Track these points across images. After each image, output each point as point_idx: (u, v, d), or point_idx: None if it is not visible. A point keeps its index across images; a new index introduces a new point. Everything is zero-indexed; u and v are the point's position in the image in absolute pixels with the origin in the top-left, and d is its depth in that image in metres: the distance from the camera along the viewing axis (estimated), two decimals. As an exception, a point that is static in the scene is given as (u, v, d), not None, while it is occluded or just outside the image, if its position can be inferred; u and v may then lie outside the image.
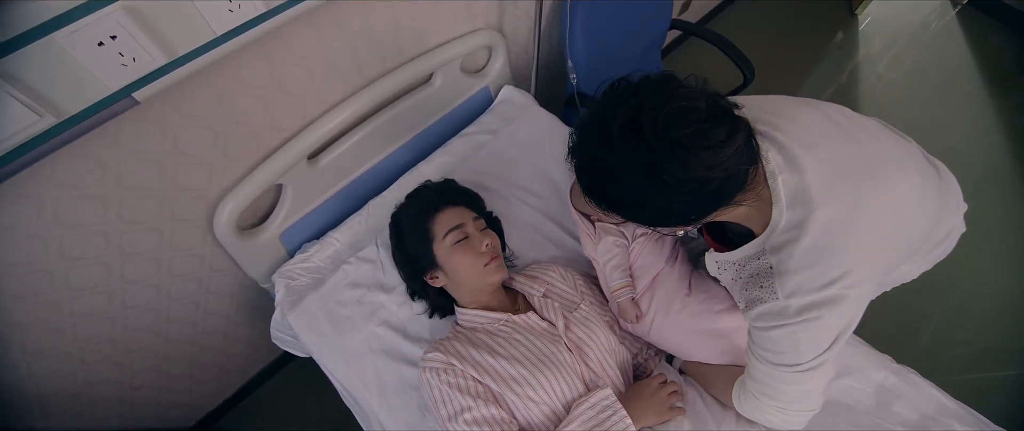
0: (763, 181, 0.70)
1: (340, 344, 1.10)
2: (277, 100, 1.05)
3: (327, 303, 1.14)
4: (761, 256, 0.72)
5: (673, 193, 0.63)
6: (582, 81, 1.49)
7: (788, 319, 0.69)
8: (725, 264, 0.81)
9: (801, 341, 0.70)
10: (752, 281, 0.74)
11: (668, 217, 0.68)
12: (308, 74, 1.07)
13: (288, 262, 1.23)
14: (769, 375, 0.77)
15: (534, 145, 1.37)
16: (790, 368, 0.73)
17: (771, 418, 0.81)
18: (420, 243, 1.02)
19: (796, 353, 0.72)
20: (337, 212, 1.30)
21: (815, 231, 0.66)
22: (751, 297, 0.74)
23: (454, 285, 1.03)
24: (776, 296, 0.69)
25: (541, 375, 0.90)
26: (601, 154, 0.66)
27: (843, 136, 0.74)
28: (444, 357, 0.94)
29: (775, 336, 0.72)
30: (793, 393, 0.77)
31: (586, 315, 1.04)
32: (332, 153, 1.20)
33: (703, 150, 0.60)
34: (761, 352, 0.76)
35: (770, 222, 0.69)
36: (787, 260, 0.68)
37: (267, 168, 1.09)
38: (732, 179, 0.64)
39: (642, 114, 0.61)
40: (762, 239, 0.71)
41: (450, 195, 1.07)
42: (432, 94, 1.33)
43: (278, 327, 1.21)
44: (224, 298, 1.35)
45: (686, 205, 0.65)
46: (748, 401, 0.83)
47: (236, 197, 1.08)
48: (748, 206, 0.70)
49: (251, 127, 1.05)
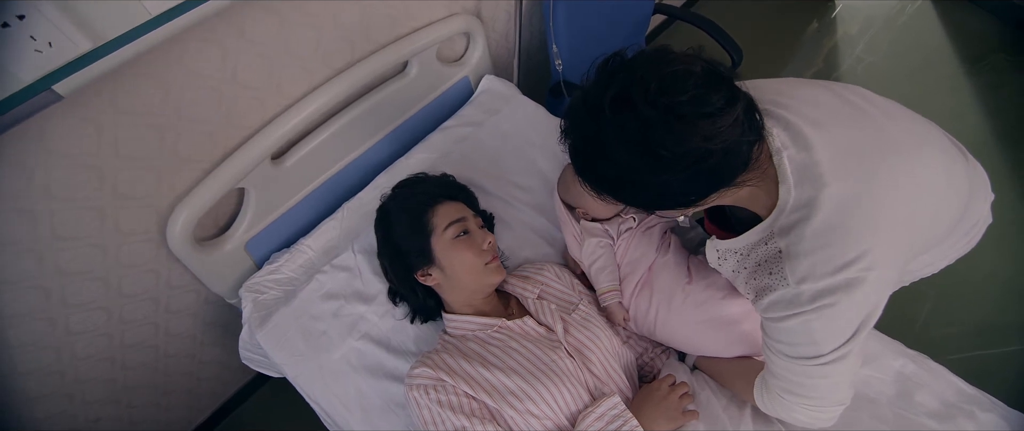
0: (768, 159, 0.65)
1: (317, 363, 1.00)
2: (232, 93, 0.94)
3: (300, 318, 1.03)
4: (769, 240, 0.67)
5: (670, 169, 0.58)
6: (567, 68, 1.41)
7: (801, 307, 0.63)
8: (727, 253, 0.75)
9: (817, 331, 0.65)
10: (760, 269, 0.68)
11: (666, 198, 0.63)
12: (266, 64, 0.97)
13: (255, 274, 1.12)
14: (789, 369, 0.71)
15: (520, 136, 1.28)
16: (810, 361, 0.68)
17: (798, 416, 0.75)
18: (415, 235, 0.93)
19: (813, 344, 0.66)
20: (308, 217, 1.20)
21: (826, 209, 0.61)
22: (760, 286, 0.68)
23: (449, 285, 0.94)
24: (787, 282, 0.64)
25: (542, 386, 0.82)
26: (592, 131, 0.61)
27: (856, 114, 0.69)
28: (433, 372, 0.84)
29: (789, 327, 0.66)
30: (818, 387, 0.70)
31: (586, 316, 0.96)
32: (299, 152, 1.10)
33: (699, 119, 0.56)
34: (777, 345, 0.70)
35: (777, 202, 0.64)
36: (797, 242, 0.63)
37: (225, 170, 0.98)
38: (733, 156, 0.59)
39: (634, 85, 0.57)
40: (769, 221, 0.66)
41: (451, 189, 1.00)
42: (407, 85, 1.23)
43: (247, 347, 1.10)
44: (187, 318, 1.23)
45: (685, 183, 0.60)
46: (772, 399, 0.77)
47: (191, 204, 0.96)
48: (753, 186, 0.65)
49: (204, 124, 0.94)
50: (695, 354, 0.99)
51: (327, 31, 1.02)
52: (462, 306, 0.95)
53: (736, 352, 0.94)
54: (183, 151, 0.94)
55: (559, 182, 1.12)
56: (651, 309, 0.99)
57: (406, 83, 1.23)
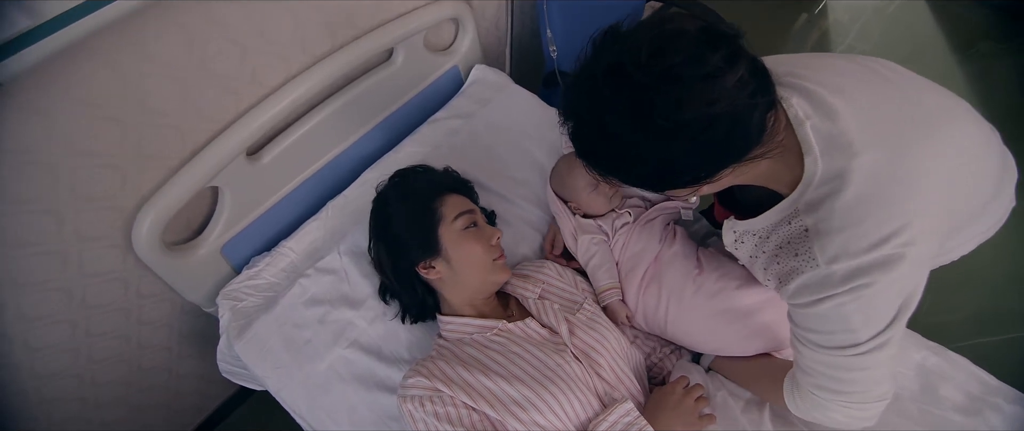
0: (788, 131, 0.60)
1: (301, 374, 0.92)
2: (200, 83, 0.86)
3: (282, 326, 0.95)
4: (793, 218, 0.62)
5: (672, 140, 0.53)
6: (562, 55, 1.34)
7: (833, 289, 0.58)
8: (745, 234, 0.70)
9: (851, 315, 0.59)
10: (783, 251, 0.64)
11: (673, 174, 0.57)
12: (238, 50, 0.89)
13: (233, 280, 1.04)
14: (822, 363, 0.65)
15: (514, 128, 1.22)
16: (846, 351, 0.62)
17: (835, 416, 0.68)
18: (421, 224, 0.86)
19: (850, 332, 0.60)
20: (289, 218, 1.12)
21: (859, 181, 0.56)
22: (784, 269, 0.63)
23: (452, 281, 0.88)
24: (816, 263, 0.59)
25: (548, 394, 0.75)
26: (589, 107, 0.57)
27: (883, 83, 0.64)
28: (428, 382, 0.77)
29: (820, 313, 0.61)
30: (857, 381, 0.64)
31: (591, 316, 0.89)
32: (277, 147, 1.02)
33: (698, 81, 0.51)
34: (808, 336, 0.65)
35: (802, 177, 0.59)
36: (827, 218, 0.58)
37: (195, 168, 0.90)
38: (743, 124, 0.54)
39: (626, 52, 0.53)
40: (793, 198, 0.61)
41: (457, 182, 0.95)
42: (393, 74, 1.16)
43: (226, 358, 1.02)
44: (161, 329, 1.15)
45: (691, 156, 0.55)
46: (804, 399, 0.70)
47: (158, 205, 0.88)
48: (771, 161, 0.59)
49: (170, 117, 0.86)
50: (710, 352, 0.93)
51: (305, 15, 0.95)
52: (463, 306, 0.89)
53: (755, 347, 0.88)
54: (148, 147, 0.86)
55: (552, 174, 1.06)
56: (661, 304, 0.93)
57: (392, 72, 1.15)
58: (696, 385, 0.85)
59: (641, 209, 1.03)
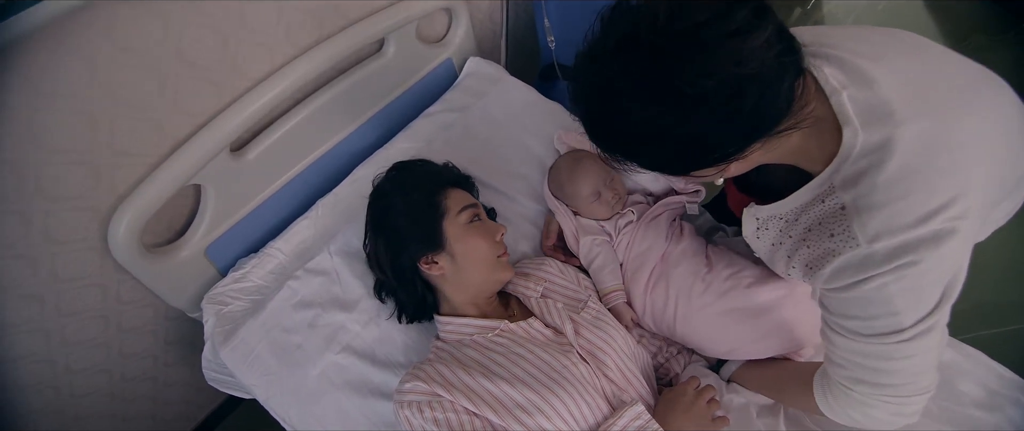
0: (819, 101, 0.56)
1: (292, 382, 0.87)
2: (179, 74, 0.81)
3: (271, 331, 0.90)
4: (827, 196, 0.57)
5: (699, 111, 0.49)
6: (560, 46, 1.30)
7: (875, 269, 0.54)
8: (770, 220, 0.66)
9: (895, 297, 0.55)
10: (815, 233, 0.59)
11: (700, 151, 0.53)
12: (219, 40, 0.84)
13: (218, 284, 0.98)
14: (860, 353, 0.60)
15: (512, 121, 1.17)
16: (887, 338, 0.57)
17: (877, 413, 0.62)
18: (424, 218, 0.83)
19: (893, 316, 0.56)
20: (277, 217, 1.07)
21: (905, 151, 0.52)
22: (817, 253, 0.59)
23: (455, 278, 0.83)
24: (856, 242, 0.54)
25: (554, 397, 0.70)
26: (601, 86, 0.53)
27: (916, 50, 0.61)
28: (426, 387, 0.72)
29: (861, 296, 0.56)
30: (901, 372, 0.59)
31: (597, 315, 0.85)
32: (262, 143, 0.97)
33: (724, 39, 0.47)
34: (844, 324, 0.60)
35: (839, 150, 0.55)
36: (868, 193, 0.53)
37: (175, 165, 0.85)
38: (772, 91, 0.49)
39: (640, 20, 0.49)
40: (827, 174, 0.57)
41: (458, 177, 0.92)
42: (385, 66, 1.11)
43: (211, 366, 0.97)
44: (144, 336, 1.09)
45: (720, 127, 0.50)
46: (839, 397, 0.65)
47: (135, 205, 0.83)
48: (803, 134, 0.55)
49: (146, 110, 0.80)
50: (722, 355, 0.88)
51: (290, 2, 0.90)
52: (465, 305, 0.84)
53: (769, 348, 0.84)
54: (122, 142, 0.80)
55: (549, 178, 1.02)
56: (669, 303, 0.89)
57: (383, 64, 1.10)
58: (708, 386, 0.80)
59: (645, 206, 1.00)
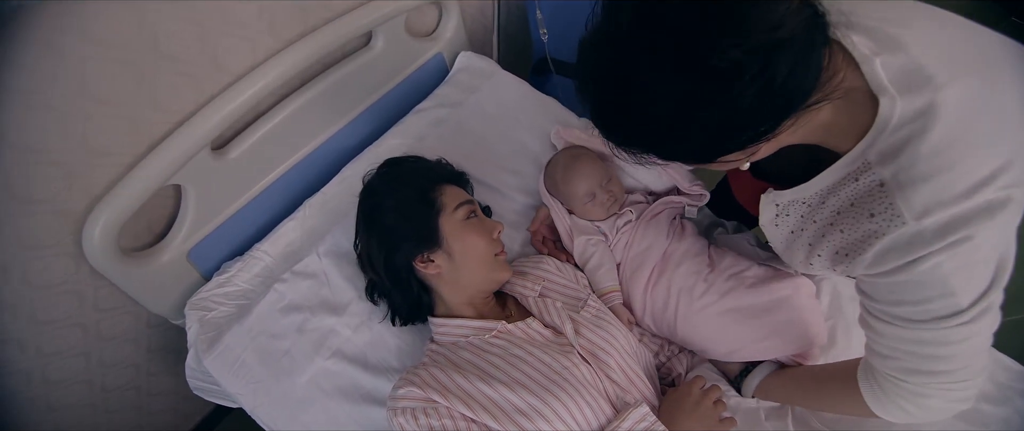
0: (846, 67, 0.51)
1: (280, 390, 0.84)
2: (155, 68, 0.77)
3: (257, 337, 0.86)
4: (862, 173, 0.53)
5: (731, 86, 0.43)
6: (553, 39, 1.27)
7: (926, 248, 0.50)
8: (791, 205, 0.62)
9: (950, 277, 0.51)
10: (849, 216, 0.55)
11: (730, 132, 0.47)
12: (198, 32, 0.80)
13: (202, 288, 0.94)
14: (914, 340, 0.56)
15: (506, 116, 1.14)
16: (946, 322, 0.53)
17: (933, 402, 0.58)
18: (419, 215, 0.79)
19: (948, 298, 0.52)
20: (263, 219, 1.03)
21: (948, 117, 0.48)
22: (855, 237, 0.55)
23: (452, 277, 0.80)
24: (901, 220, 0.50)
25: (555, 400, 0.67)
26: (615, 66, 0.48)
27: (939, 17, 0.56)
28: (421, 392, 0.69)
29: (912, 279, 0.52)
30: (957, 356, 0.55)
31: (597, 314, 0.82)
32: (245, 141, 0.93)
33: (754, 3, 0.43)
34: (894, 311, 0.56)
35: (873, 123, 0.51)
36: (911, 165, 0.49)
37: (152, 165, 0.81)
38: (805, 59, 0.45)
39: None
40: (860, 149, 0.52)
41: (452, 173, 0.89)
42: (373, 61, 1.07)
43: (195, 375, 0.93)
44: (125, 345, 1.05)
45: (752, 103, 0.44)
46: (891, 391, 0.60)
47: (111, 207, 0.79)
48: (834, 108, 0.51)
49: (120, 107, 0.76)
50: (723, 356, 0.86)
51: (271, -7, 0.86)
52: (461, 305, 0.81)
53: (773, 349, 0.82)
54: (96, 141, 0.76)
55: (545, 175, 0.99)
56: (669, 303, 0.87)
57: (371, 58, 1.07)
58: (713, 386, 0.78)
59: (644, 205, 0.97)
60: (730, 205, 1.00)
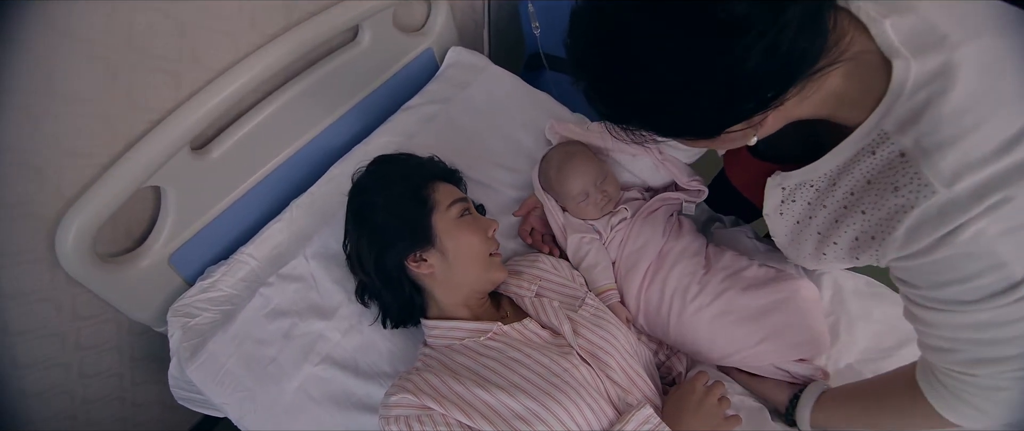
0: (853, 30, 0.48)
1: (266, 398, 0.80)
2: (130, 64, 0.74)
3: (242, 343, 0.83)
4: (880, 145, 0.50)
5: (736, 42, 0.40)
6: (546, 32, 1.24)
7: (963, 214, 0.45)
8: (799, 188, 0.59)
9: (996, 244, 0.46)
10: (870, 193, 0.52)
11: (735, 97, 0.44)
12: (174, 27, 0.76)
13: (185, 294, 0.91)
14: (971, 326, 0.50)
15: (498, 111, 1.12)
16: (1001, 298, 0.47)
17: (1010, 395, 0.51)
18: (411, 213, 0.77)
19: (1000, 269, 0.46)
20: (247, 221, 0.99)
21: (968, 75, 0.45)
22: (880, 216, 0.51)
23: (445, 277, 0.77)
24: (931, 189, 0.46)
25: (555, 404, 0.65)
26: (613, 30, 0.43)
27: None
28: (415, 399, 0.66)
29: (954, 253, 0.47)
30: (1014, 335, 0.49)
31: (596, 312, 0.80)
32: (227, 140, 0.90)
33: None
34: (940, 296, 0.50)
35: (887, 90, 0.48)
36: (933, 130, 0.46)
37: (129, 165, 0.77)
38: (811, 19, 0.42)
39: None
40: (875, 119, 0.49)
41: (445, 170, 0.86)
42: (360, 56, 1.04)
43: (179, 384, 0.89)
44: (107, 354, 1.01)
45: (758, 64, 0.41)
46: (958, 390, 0.54)
47: (85, 210, 0.75)
48: (843, 73, 0.47)
49: (94, 104, 0.73)
50: (718, 359, 0.83)
51: (252, -15, 0.83)
52: (455, 307, 0.78)
53: (774, 352, 0.80)
54: (68, 141, 0.73)
55: (539, 172, 0.96)
56: (664, 303, 0.84)
57: (358, 54, 1.04)
58: (717, 383, 0.75)
59: (640, 202, 0.94)
60: (728, 199, 0.97)
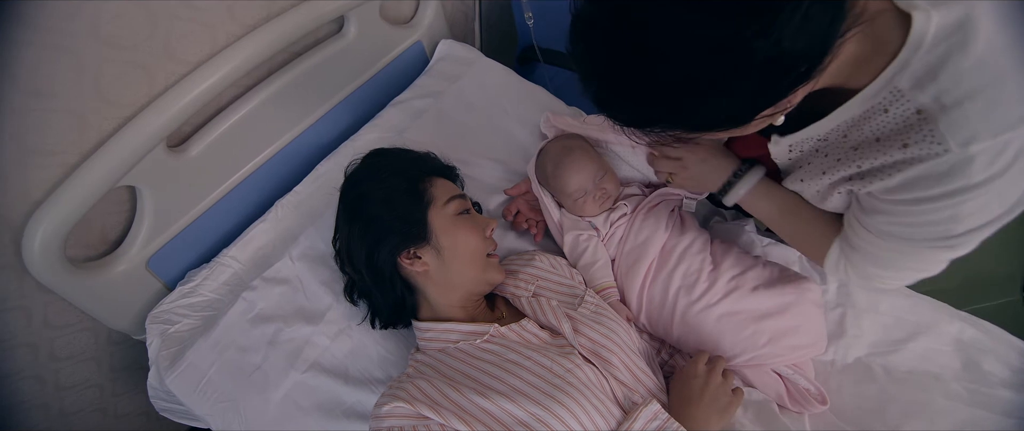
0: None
1: (251, 408, 0.76)
2: (97, 57, 0.70)
3: (224, 351, 0.79)
4: (893, 103, 0.48)
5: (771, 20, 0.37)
6: (540, 25, 1.21)
7: (965, 179, 0.46)
8: (803, 141, 0.59)
9: (970, 211, 0.50)
10: (875, 150, 0.52)
11: (778, 76, 0.40)
12: (146, 16, 0.72)
13: (164, 299, 0.86)
14: (897, 251, 0.58)
15: (490, 105, 1.08)
16: (933, 243, 0.54)
17: (874, 282, 0.65)
18: (406, 206, 0.74)
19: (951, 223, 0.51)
20: (230, 222, 0.95)
21: (989, 27, 0.43)
22: (882, 162, 0.51)
23: (441, 276, 0.74)
24: (944, 147, 0.46)
25: (561, 407, 0.61)
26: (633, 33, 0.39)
27: None
28: (409, 406, 0.62)
29: (934, 208, 0.50)
30: (926, 269, 0.59)
31: (596, 310, 0.77)
32: (206, 137, 0.86)
33: None
34: (886, 227, 0.56)
35: (905, 44, 0.45)
36: (953, 86, 0.44)
37: (100, 164, 0.73)
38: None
39: None
40: (888, 75, 0.47)
41: (443, 166, 0.83)
42: (347, 49, 1.00)
43: (159, 395, 0.85)
44: (84, 364, 0.96)
45: (796, 35, 0.38)
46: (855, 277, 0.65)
47: (54, 213, 0.71)
48: (858, 39, 0.44)
49: (61, 100, 0.69)
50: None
51: (230, -27, 0.79)
52: (449, 307, 0.75)
53: (771, 355, 0.77)
54: (32, 139, 0.68)
55: (537, 166, 0.93)
56: (668, 301, 0.81)
57: (344, 46, 1.00)
58: (717, 358, 0.73)
59: (639, 197, 0.91)
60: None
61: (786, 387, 0.79)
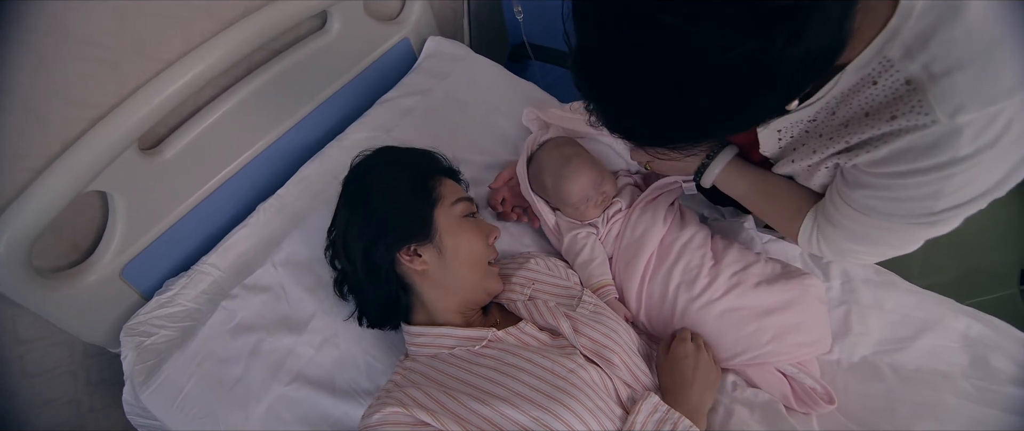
0: None
1: (231, 424, 0.73)
2: (63, 54, 0.66)
3: (203, 363, 0.75)
4: (882, 75, 0.47)
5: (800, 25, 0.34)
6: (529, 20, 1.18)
7: (952, 152, 0.45)
8: (792, 125, 0.58)
9: (954, 186, 0.48)
10: (864, 124, 0.51)
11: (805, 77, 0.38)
12: (115, 11, 0.69)
13: (140, 310, 0.82)
14: (872, 226, 0.57)
15: (481, 102, 1.05)
16: (912, 219, 0.54)
17: (847, 259, 0.68)
18: (413, 201, 0.72)
19: (933, 199, 0.50)
20: (209, 228, 0.91)
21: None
22: (871, 135, 0.50)
23: (439, 277, 0.71)
24: (932, 118, 0.45)
25: (565, 409, 0.58)
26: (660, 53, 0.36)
27: None
28: (405, 412, 0.59)
29: (918, 181, 0.49)
30: (902, 246, 0.59)
31: (594, 309, 0.74)
32: (182, 139, 0.82)
33: None
34: (868, 201, 0.55)
35: (895, 11, 0.44)
36: (944, 54, 0.43)
37: (67, 167, 0.69)
38: None
39: None
40: (877, 46, 0.46)
41: (451, 169, 0.81)
42: (330, 46, 0.97)
43: (135, 411, 0.81)
44: (58, 379, 0.92)
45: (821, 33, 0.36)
46: (828, 252, 0.65)
47: (18, 220, 0.67)
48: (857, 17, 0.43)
49: (21, 99, 0.65)
50: (724, 362, 0.78)
51: (205, -34, 0.75)
52: (445, 311, 0.72)
53: (774, 354, 0.75)
54: (-7, 142, 0.64)
55: (531, 175, 0.90)
56: (668, 297, 0.79)
57: (328, 43, 0.96)
58: (696, 334, 0.75)
59: (636, 190, 0.89)
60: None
61: (791, 387, 0.76)
